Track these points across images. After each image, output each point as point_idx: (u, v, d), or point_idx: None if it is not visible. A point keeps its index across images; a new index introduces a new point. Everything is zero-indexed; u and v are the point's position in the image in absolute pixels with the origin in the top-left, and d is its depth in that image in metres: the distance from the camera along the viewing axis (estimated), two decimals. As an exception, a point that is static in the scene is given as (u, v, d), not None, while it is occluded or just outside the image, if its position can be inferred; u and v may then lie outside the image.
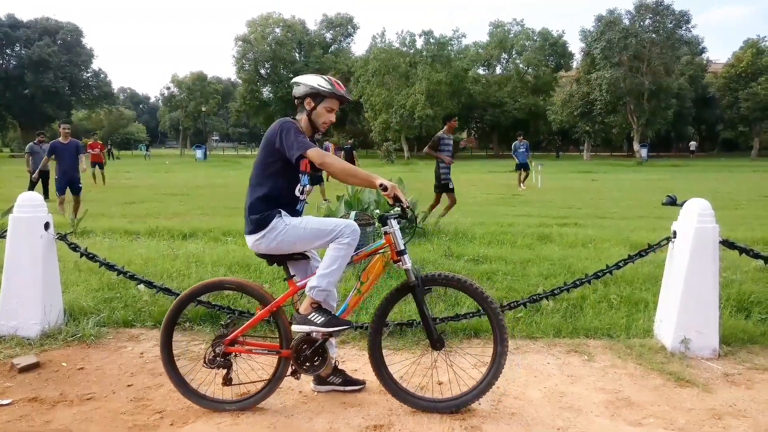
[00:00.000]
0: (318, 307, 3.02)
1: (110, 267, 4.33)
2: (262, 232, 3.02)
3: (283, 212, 3.06)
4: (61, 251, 4.54)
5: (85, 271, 5.35)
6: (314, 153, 2.91)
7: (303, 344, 3.05)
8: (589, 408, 3.21)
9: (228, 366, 3.16)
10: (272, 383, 3.18)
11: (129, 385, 3.48)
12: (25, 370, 3.63)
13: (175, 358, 3.22)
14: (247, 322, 3.18)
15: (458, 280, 3.12)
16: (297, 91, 3.15)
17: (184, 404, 3.21)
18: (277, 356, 3.17)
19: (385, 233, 3.05)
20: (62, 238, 4.32)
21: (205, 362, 3.14)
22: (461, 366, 3.45)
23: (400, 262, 3.04)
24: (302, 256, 3.19)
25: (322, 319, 2.98)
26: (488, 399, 3.29)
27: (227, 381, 3.17)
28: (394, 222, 3.04)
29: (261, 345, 3.26)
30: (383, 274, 3.22)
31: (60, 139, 10.78)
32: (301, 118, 3.15)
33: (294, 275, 3.21)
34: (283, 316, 3.16)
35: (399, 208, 3.00)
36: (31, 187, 13.20)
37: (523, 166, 20.11)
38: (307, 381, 3.41)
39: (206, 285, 3.22)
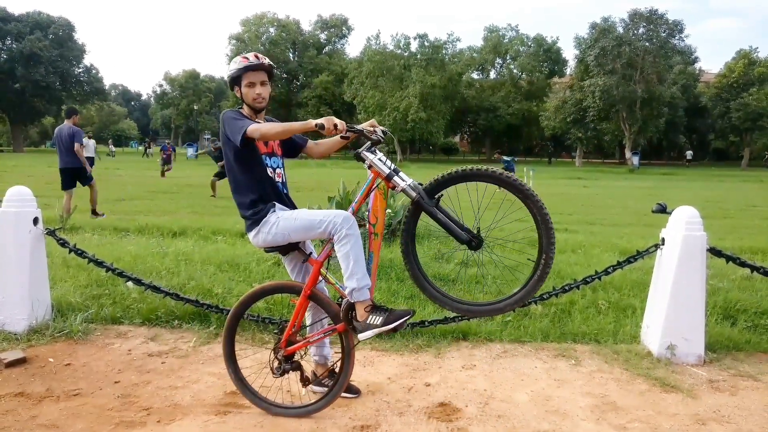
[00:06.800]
0: (372, 308, 2.90)
1: (99, 263, 4.32)
2: (257, 227, 3.01)
3: (278, 205, 3.04)
4: (49, 247, 4.52)
5: (73, 267, 5.32)
6: (251, 129, 2.86)
7: (350, 310, 2.95)
8: (575, 412, 3.24)
9: (299, 367, 3.16)
10: (346, 360, 3.08)
11: (116, 382, 3.47)
12: (12, 365, 3.61)
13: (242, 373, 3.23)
14: (292, 317, 3.13)
15: (467, 172, 2.80)
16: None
17: (171, 401, 3.20)
18: (337, 334, 3.10)
19: (369, 167, 2.93)
20: (51, 233, 4.30)
21: (274, 373, 3.12)
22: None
23: (395, 186, 2.89)
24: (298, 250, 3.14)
25: (381, 318, 2.85)
26: (475, 401, 3.31)
27: (305, 381, 3.18)
28: (368, 153, 2.91)
29: (317, 333, 3.21)
30: (386, 205, 3.07)
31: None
32: (243, 106, 3.18)
33: (311, 252, 3.19)
34: (320, 294, 3.11)
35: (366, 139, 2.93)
36: None
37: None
38: (294, 380, 3.40)
39: (258, 292, 3.20)
